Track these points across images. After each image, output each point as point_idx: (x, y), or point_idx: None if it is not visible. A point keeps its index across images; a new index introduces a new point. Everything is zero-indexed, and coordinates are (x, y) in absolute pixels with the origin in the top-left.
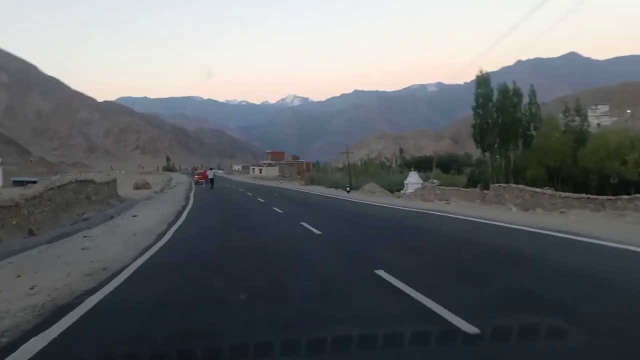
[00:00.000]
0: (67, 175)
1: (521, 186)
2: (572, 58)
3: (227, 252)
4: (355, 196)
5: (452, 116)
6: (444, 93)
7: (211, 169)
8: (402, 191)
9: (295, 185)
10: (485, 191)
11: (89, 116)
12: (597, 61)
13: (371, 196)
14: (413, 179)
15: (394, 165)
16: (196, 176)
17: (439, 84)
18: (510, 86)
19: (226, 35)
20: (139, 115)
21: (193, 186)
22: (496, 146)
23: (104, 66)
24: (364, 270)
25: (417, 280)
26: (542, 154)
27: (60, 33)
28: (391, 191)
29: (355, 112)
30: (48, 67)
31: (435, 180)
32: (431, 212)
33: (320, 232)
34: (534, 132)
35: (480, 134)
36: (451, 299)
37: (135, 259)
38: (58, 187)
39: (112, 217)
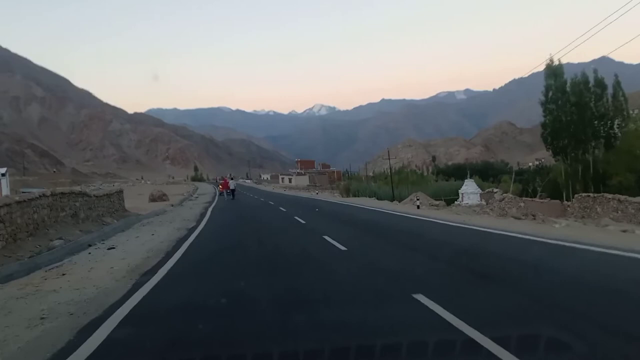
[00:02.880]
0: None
1: (622, 197)
2: (604, 62)
3: None
4: (425, 213)
5: (482, 124)
6: (473, 100)
7: (232, 178)
8: (457, 202)
9: (333, 197)
10: (565, 203)
11: (121, 127)
12: (630, 65)
13: (440, 212)
14: (470, 188)
15: (425, 173)
16: (220, 186)
17: (467, 91)
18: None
19: (253, 47)
20: (169, 127)
21: (216, 198)
22: (569, 148)
23: (133, 79)
24: None
25: None
26: (630, 157)
27: (91, 48)
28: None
29: (382, 121)
30: (80, 80)
31: (496, 189)
32: None
33: None
34: (617, 131)
35: (552, 134)
36: None
37: None
38: (17, 202)
39: (89, 245)
